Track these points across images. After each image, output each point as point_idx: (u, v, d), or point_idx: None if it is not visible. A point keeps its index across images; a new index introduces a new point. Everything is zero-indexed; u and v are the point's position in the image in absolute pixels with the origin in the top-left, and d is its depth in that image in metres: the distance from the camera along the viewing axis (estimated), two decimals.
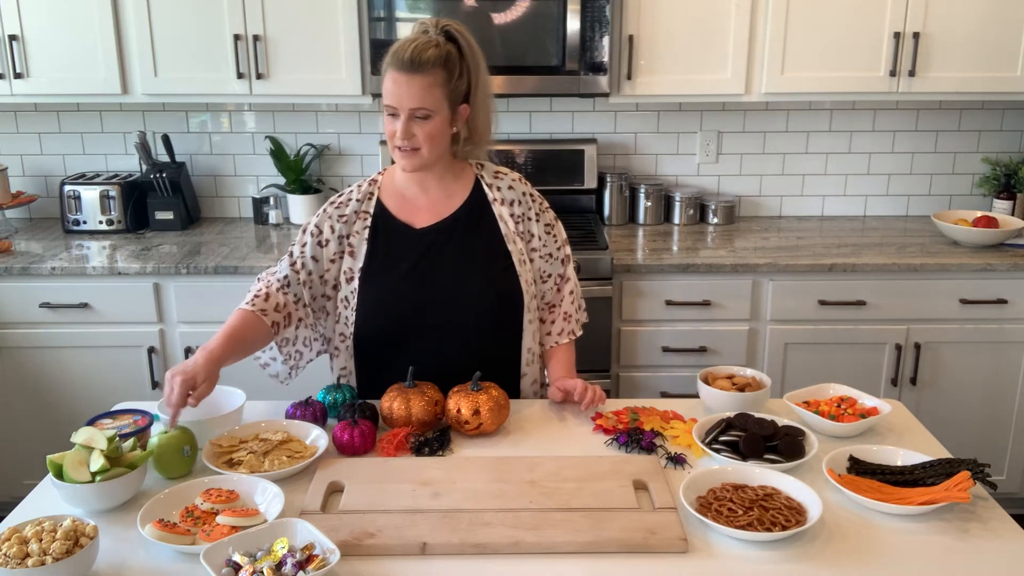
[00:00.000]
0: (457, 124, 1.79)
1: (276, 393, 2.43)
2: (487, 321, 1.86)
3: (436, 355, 1.84)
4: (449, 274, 1.84)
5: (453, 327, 1.84)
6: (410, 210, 1.87)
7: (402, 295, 1.84)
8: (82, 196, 3.20)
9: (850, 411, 1.72)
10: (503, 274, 1.85)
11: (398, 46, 1.73)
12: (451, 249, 1.84)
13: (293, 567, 1.20)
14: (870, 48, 2.96)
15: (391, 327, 1.85)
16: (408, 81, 1.70)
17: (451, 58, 1.73)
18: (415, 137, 1.73)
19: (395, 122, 1.73)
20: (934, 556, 1.33)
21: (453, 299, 1.83)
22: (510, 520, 1.38)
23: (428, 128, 1.73)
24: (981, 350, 2.92)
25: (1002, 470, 3.04)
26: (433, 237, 1.85)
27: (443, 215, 1.86)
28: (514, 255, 1.86)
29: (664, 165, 3.43)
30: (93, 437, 1.45)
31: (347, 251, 1.86)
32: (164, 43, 2.95)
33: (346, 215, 1.87)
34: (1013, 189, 3.25)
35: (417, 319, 1.84)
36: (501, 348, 1.90)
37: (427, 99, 1.71)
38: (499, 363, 1.89)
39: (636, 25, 2.93)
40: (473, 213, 1.87)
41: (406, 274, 1.83)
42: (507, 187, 1.89)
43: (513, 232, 1.87)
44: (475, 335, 1.86)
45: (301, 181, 3.32)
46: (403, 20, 2.92)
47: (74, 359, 2.90)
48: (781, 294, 2.87)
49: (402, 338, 1.86)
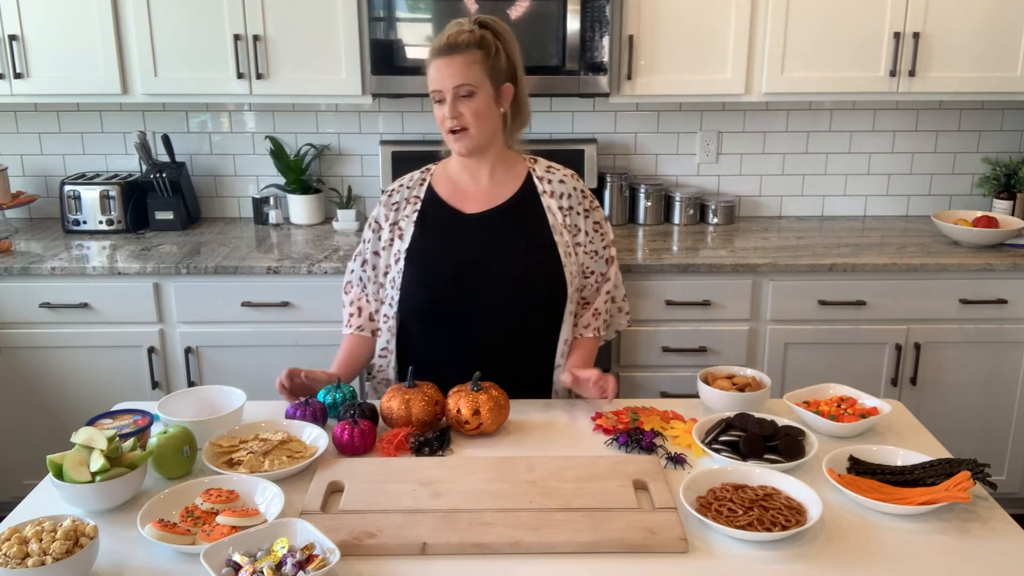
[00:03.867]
0: (503, 103, 1.85)
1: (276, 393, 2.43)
2: (528, 309, 1.89)
3: (475, 339, 1.89)
4: (494, 260, 1.87)
5: (494, 312, 1.87)
6: (461, 197, 1.92)
7: (444, 276, 1.88)
8: (82, 196, 3.20)
9: (850, 411, 1.72)
10: (548, 264, 1.89)
11: (437, 38, 1.81)
12: (498, 236, 1.89)
13: (293, 567, 1.20)
14: (870, 48, 2.96)
15: (431, 307, 1.89)
16: (448, 63, 1.78)
17: (486, 39, 1.80)
18: (462, 116, 1.79)
19: (443, 107, 1.80)
20: (934, 556, 1.32)
21: (496, 285, 1.87)
22: (510, 520, 1.38)
23: (474, 105, 1.79)
24: (981, 350, 2.92)
25: (1002, 470, 3.04)
26: (481, 224, 1.89)
27: (493, 204, 1.91)
28: (560, 247, 1.89)
29: (664, 165, 3.43)
30: (93, 437, 1.45)
31: (396, 235, 1.93)
32: (164, 43, 2.95)
33: (396, 201, 1.95)
34: (1013, 189, 3.25)
35: (458, 301, 1.87)
36: (539, 338, 1.93)
37: (468, 75, 1.77)
38: (535, 352, 1.94)
39: (636, 25, 2.93)
40: (523, 203, 1.91)
41: (450, 256, 1.88)
42: (558, 181, 1.94)
43: (560, 224, 1.91)
44: (515, 322, 1.89)
45: (301, 181, 3.32)
46: (403, 20, 2.92)
47: (74, 359, 2.90)
48: (781, 294, 2.87)
49: (442, 319, 1.89)
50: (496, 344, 1.89)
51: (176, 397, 1.75)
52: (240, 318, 2.87)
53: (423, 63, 1.87)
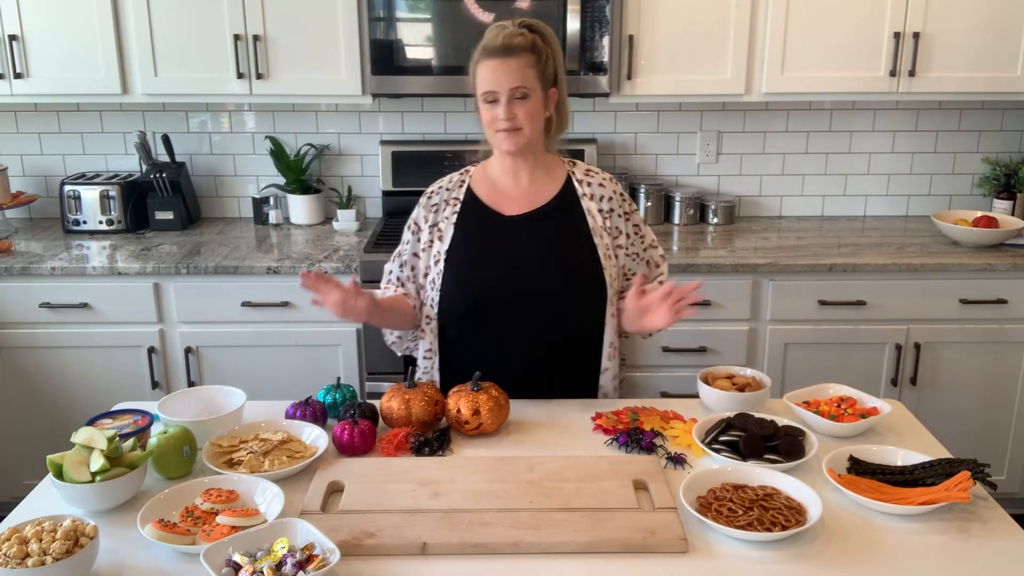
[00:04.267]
0: (549, 107, 1.86)
1: (276, 393, 2.44)
2: (570, 311, 1.89)
3: (518, 341, 1.89)
4: (534, 262, 1.87)
5: (535, 314, 1.87)
6: (500, 199, 1.92)
7: (484, 277, 1.88)
8: (82, 196, 3.20)
9: (850, 411, 1.72)
10: (589, 267, 1.89)
11: (486, 40, 1.82)
12: (538, 239, 1.89)
13: (293, 567, 1.20)
14: (870, 48, 2.96)
15: (472, 308, 1.89)
16: (504, 65, 1.78)
17: (537, 44, 1.81)
18: (517, 117, 1.80)
19: (495, 107, 1.81)
20: (934, 556, 1.33)
21: (536, 287, 1.87)
22: (510, 520, 1.38)
23: (527, 107, 1.80)
24: (981, 350, 2.92)
25: (1002, 470, 3.04)
26: (521, 226, 1.90)
27: (533, 206, 1.91)
28: (600, 249, 1.90)
29: (664, 165, 3.43)
30: (93, 437, 1.45)
31: (436, 236, 1.93)
32: (164, 43, 2.95)
33: (436, 203, 1.95)
34: (1013, 189, 3.25)
35: (499, 303, 1.87)
36: (582, 341, 1.93)
37: (524, 78, 1.79)
38: (580, 355, 1.94)
39: (636, 25, 2.93)
40: (563, 206, 1.91)
41: (490, 258, 1.88)
42: (598, 184, 1.95)
43: (600, 227, 1.91)
44: (557, 324, 1.89)
45: (301, 181, 3.32)
46: (403, 20, 2.92)
47: (74, 359, 2.90)
48: (781, 294, 2.87)
49: (483, 321, 1.89)
50: (537, 347, 1.89)
51: (176, 397, 1.75)
52: (240, 318, 2.87)
53: (425, 63, 1.87)
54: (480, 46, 1.82)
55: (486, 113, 1.83)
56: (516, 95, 1.79)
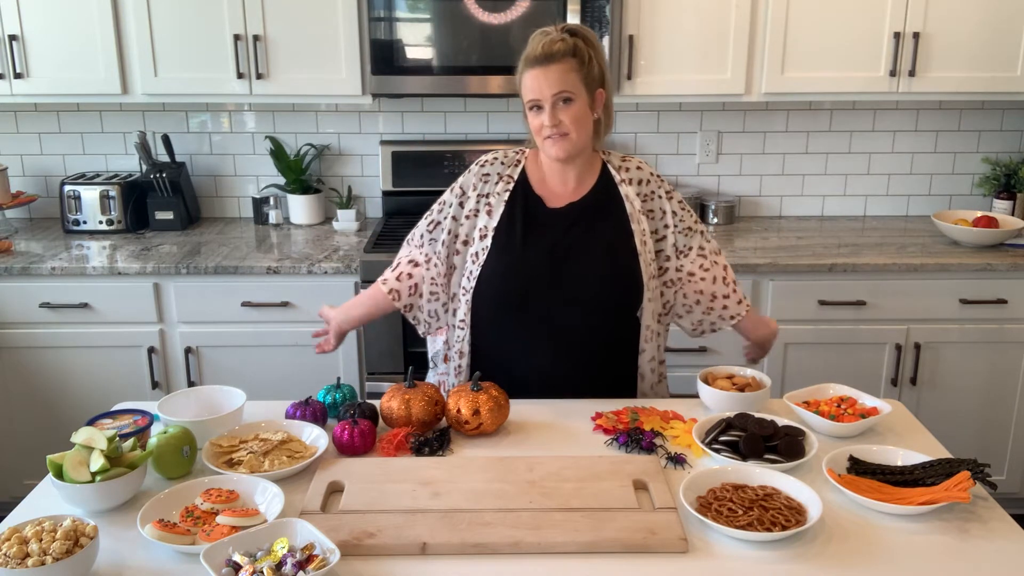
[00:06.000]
0: (596, 109, 1.87)
1: (276, 393, 2.43)
2: (609, 302, 1.91)
3: (556, 328, 1.91)
4: (577, 252, 1.90)
5: (573, 299, 1.89)
6: (548, 191, 1.95)
7: (531, 263, 1.90)
8: (82, 196, 3.20)
9: (850, 411, 1.72)
10: (627, 257, 1.91)
11: (529, 49, 1.83)
12: (580, 228, 1.91)
13: (293, 567, 1.20)
14: (870, 48, 2.96)
15: (512, 289, 1.91)
16: (545, 72, 1.79)
17: (579, 47, 1.82)
18: (562, 123, 1.81)
19: (540, 114, 1.82)
20: (934, 556, 1.33)
21: (577, 275, 1.89)
22: (510, 520, 1.38)
23: (573, 111, 1.81)
24: (981, 350, 2.92)
25: (1002, 470, 3.04)
26: (564, 218, 1.92)
27: (575, 198, 1.94)
28: (636, 235, 1.92)
29: (664, 165, 3.43)
30: (93, 437, 1.45)
31: (484, 208, 1.94)
32: (164, 43, 2.95)
33: (489, 174, 1.96)
34: (1013, 189, 3.25)
35: (538, 287, 1.89)
36: (621, 328, 1.95)
37: (567, 83, 1.80)
38: (618, 340, 1.96)
39: (636, 25, 2.93)
40: (602, 195, 1.94)
41: (538, 246, 1.90)
42: (635, 167, 1.97)
43: (638, 211, 1.93)
44: (595, 309, 1.91)
45: (301, 181, 3.32)
46: (403, 20, 2.92)
47: (74, 359, 2.90)
48: (781, 294, 2.87)
49: (522, 303, 1.91)
50: (575, 335, 1.91)
51: (176, 397, 1.75)
52: (240, 318, 2.87)
53: (425, 63, 1.87)
54: (523, 56, 1.84)
55: (533, 120, 1.85)
56: (560, 100, 1.80)
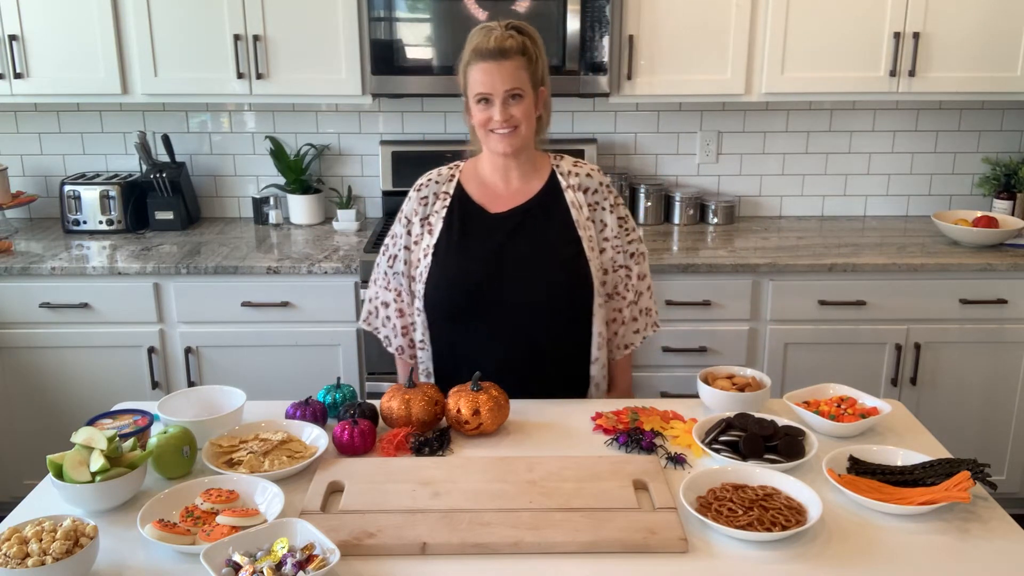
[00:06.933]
0: (539, 107, 1.89)
1: (276, 393, 2.43)
2: (557, 303, 1.91)
3: (507, 334, 1.91)
4: (521, 256, 1.90)
5: (523, 307, 1.90)
6: (489, 196, 1.95)
7: (471, 272, 1.90)
8: (82, 196, 3.20)
9: (850, 411, 1.72)
10: (574, 259, 1.91)
11: (477, 42, 1.83)
12: (524, 233, 1.91)
13: (293, 567, 1.20)
14: (870, 48, 2.96)
15: (459, 302, 1.91)
16: (498, 67, 1.81)
17: (527, 47, 1.84)
18: (513, 117, 1.83)
19: (489, 108, 1.83)
20: (934, 556, 1.32)
21: (524, 280, 1.89)
22: (510, 520, 1.38)
23: (522, 107, 1.84)
24: (981, 350, 2.92)
25: (1002, 470, 3.04)
26: (507, 222, 1.92)
27: (519, 202, 1.94)
28: (584, 241, 1.92)
29: (664, 165, 3.43)
30: (93, 437, 1.45)
31: (427, 230, 1.96)
32: (164, 43, 2.95)
33: (426, 196, 1.98)
34: (1013, 189, 3.25)
35: (487, 296, 1.89)
36: (571, 332, 1.95)
37: (519, 80, 1.82)
38: (569, 346, 1.96)
39: (636, 25, 2.93)
40: (547, 200, 1.94)
41: (477, 254, 1.91)
42: (585, 175, 1.97)
43: (586, 219, 1.93)
44: (545, 316, 1.91)
45: (301, 181, 3.32)
46: (403, 20, 2.92)
47: (74, 359, 2.90)
48: (781, 294, 2.87)
49: (470, 317, 1.91)
50: (526, 340, 1.91)
51: (176, 397, 1.75)
52: (240, 318, 2.87)
53: (425, 63, 1.88)
54: (470, 48, 1.84)
55: (479, 114, 1.85)
56: (512, 95, 1.81)
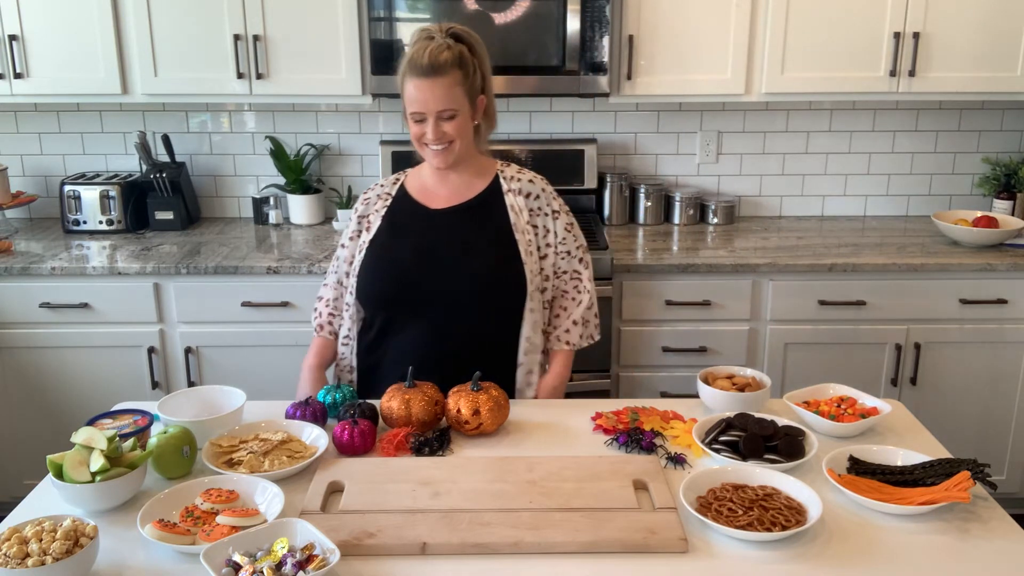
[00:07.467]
0: (477, 116, 1.90)
1: (276, 393, 2.43)
2: (485, 303, 1.91)
3: (432, 330, 1.91)
4: (453, 254, 1.91)
5: (451, 306, 1.90)
6: (430, 196, 1.98)
7: (401, 265, 1.91)
8: (82, 196, 3.20)
9: (850, 411, 1.72)
10: (507, 261, 1.91)
11: (412, 54, 1.80)
12: (459, 230, 1.93)
13: (293, 567, 1.20)
14: (870, 48, 2.96)
15: (387, 291, 1.93)
16: (431, 85, 1.79)
17: (464, 57, 1.82)
18: (446, 135, 1.84)
19: (423, 125, 1.84)
20: (934, 556, 1.33)
21: (453, 278, 1.89)
22: (510, 520, 1.38)
23: (456, 125, 1.84)
24: (981, 350, 2.92)
25: (1002, 470, 3.04)
26: (444, 219, 1.94)
27: (459, 201, 1.96)
28: (520, 244, 1.92)
29: (664, 165, 3.43)
30: (93, 437, 1.45)
31: (364, 227, 2.00)
32: (164, 43, 2.95)
33: (369, 197, 2.02)
34: (1013, 189, 3.25)
35: (414, 292, 1.90)
36: (499, 333, 1.95)
37: (451, 99, 1.81)
38: (495, 348, 1.95)
39: (636, 25, 2.93)
40: (487, 202, 1.95)
41: (410, 248, 1.93)
42: (527, 181, 1.98)
43: (525, 223, 1.94)
44: (474, 316, 1.91)
45: (301, 181, 3.32)
46: (403, 20, 2.92)
47: (74, 359, 2.90)
48: (781, 294, 2.87)
49: (397, 306, 1.92)
50: (452, 335, 1.91)
51: (176, 397, 1.75)
52: (240, 318, 2.87)
53: None
54: (406, 59, 1.82)
55: (414, 127, 1.86)
56: (444, 115, 1.82)
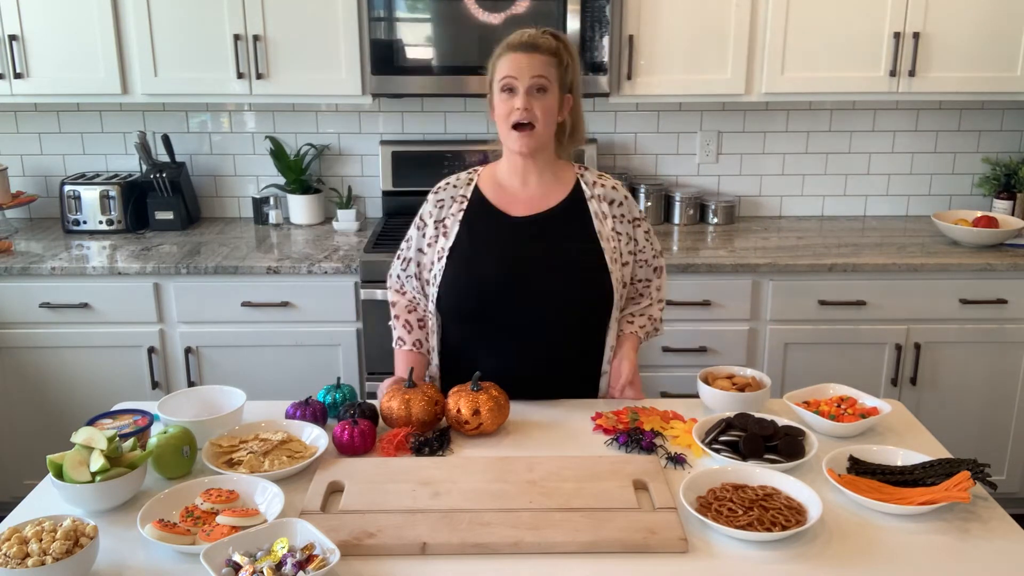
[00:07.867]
0: (563, 112, 1.87)
1: (276, 393, 2.44)
2: (572, 315, 1.88)
3: (519, 341, 1.88)
4: (536, 264, 1.86)
5: (537, 318, 1.86)
6: (507, 201, 1.92)
7: (484, 276, 1.86)
8: (82, 196, 3.20)
9: (850, 411, 1.72)
10: (594, 271, 1.87)
11: (512, 38, 1.83)
12: (544, 241, 1.88)
13: (293, 567, 1.20)
14: (870, 48, 2.96)
15: (472, 309, 1.88)
16: (528, 57, 1.80)
17: (560, 49, 1.83)
18: (533, 111, 1.79)
19: (512, 97, 1.80)
20: (934, 556, 1.33)
21: (540, 290, 1.85)
22: (510, 520, 1.38)
23: (544, 102, 1.81)
24: (981, 350, 2.92)
25: (1002, 470, 3.04)
26: (525, 228, 1.89)
27: (540, 209, 1.90)
28: (607, 252, 1.88)
29: (664, 165, 3.43)
30: (93, 437, 1.45)
31: (441, 232, 1.92)
32: (164, 43, 2.95)
33: (443, 199, 1.95)
34: (1013, 189, 3.25)
35: (500, 305, 1.86)
36: (583, 344, 1.92)
37: (547, 71, 1.80)
38: (580, 359, 1.93)
39: (636, 25, 2.93)
40: (570, 211, 1.90)
41: (491, 257, 1.87)
42: (610, 187, 1.94)
43: (610, 231, 1.90)
44: (558, 328, 1.88)
45: (301, 181, 3.32)
46: (403, 20, 2.92)
47: (74, 359, 2.90)
48: (781, 294, 2.87)
49: (482, 320, 1.88)
50: (537, 349, 1.88)
51: (176, 397, 1.75)
52: (240, 318, 2.87)
53: (425, 63, 1.87)
54: (504, 43, 1.84)
55: (502, 105, 1.82)
56: (536, 86, 1.79)
